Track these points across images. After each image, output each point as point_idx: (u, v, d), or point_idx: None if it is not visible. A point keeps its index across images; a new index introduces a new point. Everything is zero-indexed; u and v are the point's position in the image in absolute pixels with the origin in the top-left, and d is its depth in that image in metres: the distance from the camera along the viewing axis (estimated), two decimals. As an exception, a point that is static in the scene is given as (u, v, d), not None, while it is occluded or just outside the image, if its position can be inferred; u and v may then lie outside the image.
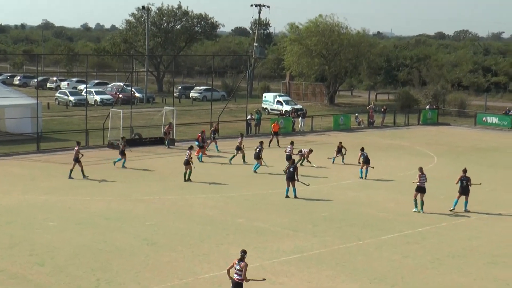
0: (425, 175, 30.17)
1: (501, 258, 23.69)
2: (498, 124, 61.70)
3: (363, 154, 37.33)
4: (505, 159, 44.96)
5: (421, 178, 30.04)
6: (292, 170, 31.85)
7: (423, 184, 29.99)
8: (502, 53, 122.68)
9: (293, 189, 31.75)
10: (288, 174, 32.00)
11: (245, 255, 18.41)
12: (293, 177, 31.69)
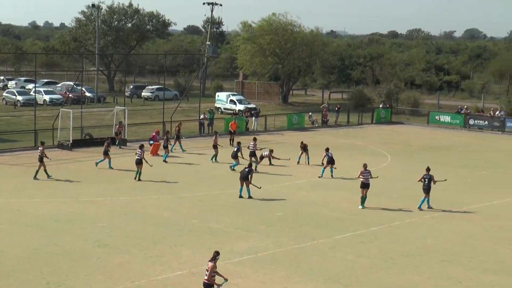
0: (369, 171, 30.65)
1: (454, 256, 23.77)
2: (450, 122, 62.28)
3: (327, 154, 37.32)
4: (457, 157, 45.34)
5: (365, 174, 30.46)
6: (247, 171, 31.62)
7: (367, 180, 30.42)
8: (454, 52, 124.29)
9: (247, 190, 31.51)
10: (242, 174, 31.74)
11: (217, 256, 18.36)
12: (247, 177, 31.45)
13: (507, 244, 25.41)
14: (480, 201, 32.10)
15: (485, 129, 59.87)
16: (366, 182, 30.44)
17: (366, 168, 30.75)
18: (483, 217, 29.37)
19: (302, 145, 41.10)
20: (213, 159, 41.13)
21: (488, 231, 27.14)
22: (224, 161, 40.17)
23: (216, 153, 41.17)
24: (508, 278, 21.71)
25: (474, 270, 22.37)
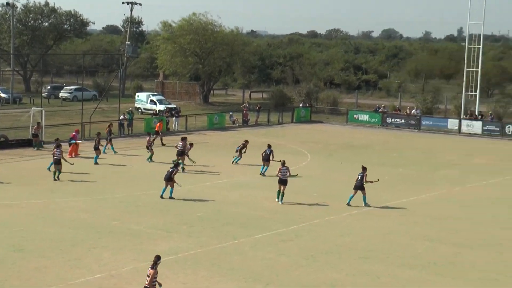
0: (286, 168, 31.23)
1: (372, 252, 24.19)
2: (369, 121, 63.38)
3: (265, 151, 37.68)
4: (376, 155, 46.15)
5: (283, 171, 31.07)
6: (170, 171, 31.49)
7: (285, 176, 31.04)
8: (372, 51, 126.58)
9: (170, 190, 31.37)
10: (166, 175, 31.58)
11: (158, 261, 18.18)
12: (170, 177, 31.34)
13: (422, 239, 26.02)
14: (398, 198, 32.77)
15: (402, 127, 61.17)
16: (283, 178, 31.10)
17: (284, 165, 31.39)
18: (400, 214, 30.00)
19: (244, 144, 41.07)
20: (149, 159, 40.78)
21: (405, 227, 27.73)
22: (159, 160, 40.01)
23: (151, 153, 40.87)
24: (423, 272, 22.24)
25: (392, 266, 22.83)
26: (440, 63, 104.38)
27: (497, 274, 22.26)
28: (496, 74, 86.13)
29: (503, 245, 25.42)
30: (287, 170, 31.27)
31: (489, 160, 45.34)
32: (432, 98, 68.88)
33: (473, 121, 58.74)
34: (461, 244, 25.50)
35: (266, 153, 37.86)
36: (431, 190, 35.00)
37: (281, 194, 31.17)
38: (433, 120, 61.65)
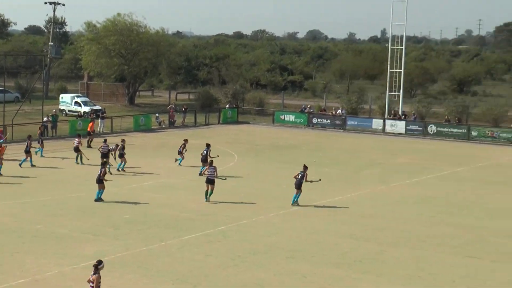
0: (214, 167, 31.66)
1: (298, 252, 24.41)
2: (295, 121, 63.90)
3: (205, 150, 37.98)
4: (302, 155, 46.52)
5: (210, 170, 31.55)
6: (99, 172, 31.17)
7: (212, 176, 31.50)
8: (297, 52, 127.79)
9: (99, 192, 31.06)
10: (97, 177, 31.26)
11: (99, 265, 17.86)
12: (100, 179, 31.05)
13: (348, 238, 26.39)
14: (324, 198, 33.13)
15: (327, 128, 61.89)
16: (210, 178, 31.52)
17: (211, 165, 31.81)
18: (326, 213, 30.35)
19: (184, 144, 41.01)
20: (79, 161, 40.13)
21: (331, 226, 28.08)
22: (90, 162, 39.40)
23: (81, 155, 40.35)
24: (349, 271, 22.56)
25: (318, 265, 23.08)
26: (364, 64, 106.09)
27: (420, 271, 22.75)
28: (418, 75, 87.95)
29: (426, 243, 25.98)
30: (214, 170, 31.58)
31: (412, 159, 46.29)
32: (356, 99, 69.91)
33: (397, 121, 59.87)
34: (386, 242, 25.98)
35: (203, 154, 37.93)
36: (356, 189, 35.52)
37: (209, 193, 31.56)
38: (358, 120, 62.57)
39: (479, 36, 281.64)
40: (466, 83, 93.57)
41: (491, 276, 22.42)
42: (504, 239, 26.65)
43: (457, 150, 50.78)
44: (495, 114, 63.06)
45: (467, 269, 23.00)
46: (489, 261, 23.91)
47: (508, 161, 46.11)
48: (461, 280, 21.99)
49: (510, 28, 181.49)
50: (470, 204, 32.85)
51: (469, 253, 24.80)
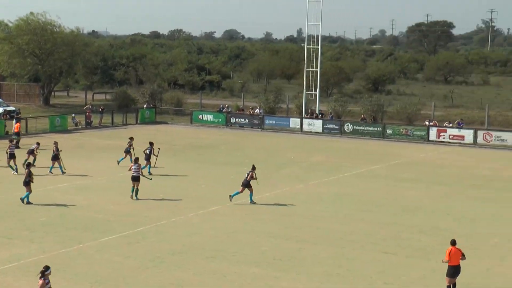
0: (139, 165, 32.14)
1: (218, 252, 24.45)
2: (213, 121, 63.91)
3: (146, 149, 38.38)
4: (220, 155, 46.64)
5: (134, 168, 31.97)
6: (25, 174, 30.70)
7: (137, 172, 31.87)
8: (215, 52, 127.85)
9: (25, 194, 30.50)
10: (24, 180, 30.74)
11: (46, 271, 17.59)
12: (27, 182, 30.51)
13: (267, 236, 26.59)
14: (242, 197, 33.18)
15: (245, 127, 62.15)
16: (135, 175, 31.91)
17: (136, 162, 32.20)
18: (246, 212, 30.49)
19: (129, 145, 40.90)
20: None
21: (250, 225, 28.22)
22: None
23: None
24: (269, 269, 22.73)
25: (238, 264, 23.18)
26: (281, 64, 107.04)
27: (339, 268, 23.11)
28: (334, 74, 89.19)
29: (343, 240, 26.40)
30: (139, 167, 32.01)
31: (329, 157, 46.93)
32: (274, 98, 70.37)
33: (314, 120, 60.58)
34: (304, 240, 26.28)
35: (146, 153, 38.29)
36: (275, 188, 35.79)
37: (136, 190, 31.95)
38: (276, 120, 63.02)
39: (392, 36, 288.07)
40: (380, 82, 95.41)
41: (406, 271, 22.96)
42: (418, 235, 27.33)
43: (373, 148, 51.76)
44: (409, 112, 64.52)
45: (383, 265, 23.49)
46: (404, 257, 24.48)
47: (422, 159, 47.27)
48: (378, 275, 22.44)
49: (421, 28, 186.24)
50: (386, 201, 33.53)
51: (385, 249, 25.33)
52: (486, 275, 22.59)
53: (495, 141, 53.18)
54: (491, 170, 42.96)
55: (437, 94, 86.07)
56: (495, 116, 65.47)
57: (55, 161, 38.18)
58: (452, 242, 20.87)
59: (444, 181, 38.89)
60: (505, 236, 27.43)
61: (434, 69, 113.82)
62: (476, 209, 32.11)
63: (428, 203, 33.23)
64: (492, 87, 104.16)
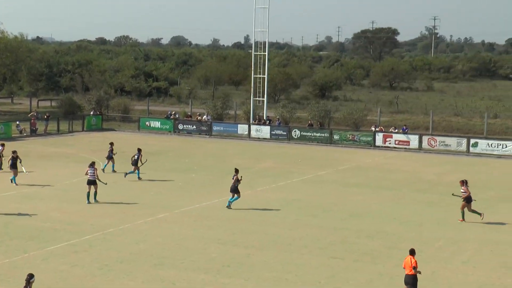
0: (94, 169, 32.60)
1: (166, 259, 24.34)
2: (160, 128, 63.64)
3: (134, 156, 39.12)
4: (168, 162, 46.45)
5: (90, 171, 32.53)
6: None
7: (93, 176, 32.39)
8: (162, 58, 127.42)
9: None
10: None
11: (31, 279, 17.49)
12: None
13: (216, 243, 26.56)
14: (191, 203, 33.20)
15: (193, 134, 62.03)
16: (91, 179, 32.37)
17: (91, 166, 32.63)
18: (194, 219, 30.41)
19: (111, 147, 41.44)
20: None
21: (199, 232, 28.15)
22: None
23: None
24: (217, 276, 22.71)
25: (187, 271, 23.10)
26: (229, 70, 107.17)
27: (287, 273, 23.20)
28: (281, 80, 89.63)
29: (292, 245, 26.51)
30: (95, 171, 32.47)
31: (276, 163, 47.11)
32: (222, 104, 70.42)
33: (262, 126, 60.76)
34: (253, 246, 26.32)
35: (134, 158, 39.04)
36: (223, 195, 35.72)
37: (94, 194, 32.45)
38: (224, 126, 63.05)
39: (339, 42, 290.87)
40: (327, 88, 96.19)
41: (354, 275, 23.17)
42: (365, 240, 27.60)
43: (320, 154, 52.14)
44: (355, 118, 65.20)
45: (332, 270, 23.66)
46: (351, 261, 24.70)
47: (368, 164, 47.79)
48: (327, 280, 22.60)
49: (367, 35, 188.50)
50: (333, 206, 33.80)
51: (333, 254, 25.53)
52: (431, 277, 22.93)
53: (439, 146, 54.09)
54: (435, 175, 43.65)
55: (383, 100, 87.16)
56: (439, 122, 66.58)
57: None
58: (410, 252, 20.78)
59: (391, 186, 39.39)
60: (449, 239, 27.90)
61: (380, 75, 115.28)
62: (421, 213, 32.59)
63: (375, 207, 33.61)
64: (436, 93, 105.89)
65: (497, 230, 29.51)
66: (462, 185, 31.19)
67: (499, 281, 22.79)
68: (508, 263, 24.70)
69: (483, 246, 26.88)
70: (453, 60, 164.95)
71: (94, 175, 32.39)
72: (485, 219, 31.02)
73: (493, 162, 49.53)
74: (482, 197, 36.55)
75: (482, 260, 25.06)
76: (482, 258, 25.32)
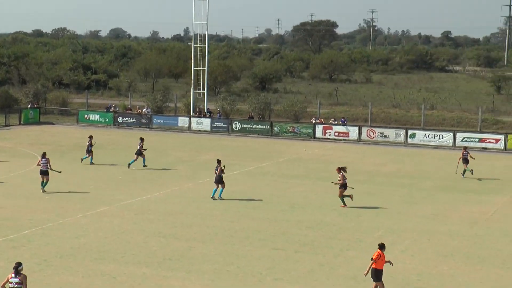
0: (47, 159, 33.70)
1: (107, 253, 24.17)
2: (100, 121, 62.98)
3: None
4: (108, 155, 45.98)
5: (43, 162, 33.68)
6: None
7: (45, 167, 33.57)
8: (101, 51, 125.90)
9: None
10: None
11: (19, 267, 17.59)
12: None
13: (157, 236, 26.47)
14: (131, 197, 33.00)
15: (133, 126, 61.57)
16: (43, 169, 33.56)
17: (44, 157, 33.88)
18: (134, 212, 30.22)
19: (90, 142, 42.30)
20: None
21: (139, 225, 28.01)
22: None
23: None
24: (159, 269, 22.63)
25: (127, 265, 22.97)
26: (169, 62, 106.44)
27: (228, 265, 23.27)
28: (222, 73, 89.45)
29: (233, 237, 26.59)
30: (47, 161, 33.43)
31: (217, 156, 46.99)
32: (162, 97, 70.02)
33: (202, 118, 60.65)
34: (194, 238, 26.31)
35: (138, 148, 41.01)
36: (164, 188, 35.66)
37: (45, 183, 33.28)
38: (164, 119, 62.72)
39: (278, 35, 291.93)
40: (267, 80, 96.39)
41: (295, 266, 23.36)
42: (306, 230, 27.85)
43: (261, 146, 52.33)
44: (296, 110, 65.59)
45: (273, 261, 23.81)
46: (292, 252, 24.90)
47: (309, 155, 48.16)
48: (268, 271, 22.74)
49: (306, 28, 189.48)
50: (274, 197, 33.98)
51: (274, 245, 25.69)
52: (371, 267, 23.24)
53: (378, 137, 54.82)
54: (374, 166, 44.25)
55: (323, 92, 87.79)
56: (378, 113, 67.44)
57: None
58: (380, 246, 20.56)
59: (330, 177, 39.66)
60: (388, 229, 28.34)
61: (319, 67, 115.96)
62: (361, 203, 33.00)
63: (315, 198, 33.93)
64: (374, 85, 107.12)
65: (434, 220, 30.10)
66: (338, 172, 32.11)
67: (436, 269, 23.27)
68: (444, 252, 25.24)
69: (421, 236, 27.39)
70: (390, 52, 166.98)
71: (47, 165, 33.45)
72: (423, 209, 31.72)
73: (430, 153, 50.44)
74: (420, 187, 37.28)
75: (419, 249, 25.55)
76: (420, 247, 25.81)
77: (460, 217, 30.52)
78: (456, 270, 23.22)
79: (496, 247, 25.93)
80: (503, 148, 51.07)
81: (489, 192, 36.22)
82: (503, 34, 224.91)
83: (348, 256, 24.34)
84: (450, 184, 38.26)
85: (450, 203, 33.36)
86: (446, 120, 65.46)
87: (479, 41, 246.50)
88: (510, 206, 33.02)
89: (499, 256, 24.70)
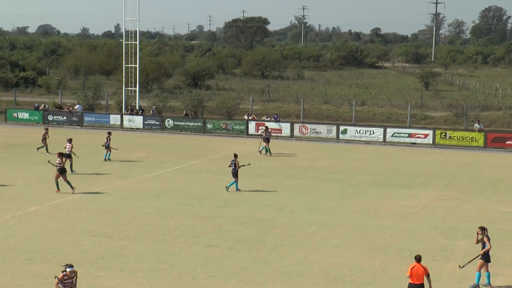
0: None
1: (37, 253, 23.75)
2: (29, 119, 61.88)
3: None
4: (38, 154, 45.17)
5: None
6: None
7: None
8: (29, 48, 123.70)
9: None
10: None
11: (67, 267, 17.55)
12: None
13: (89, 235, 26.14)
14: (63, 196, 32.49)
15: (64, 124, 60.65)
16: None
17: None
18: (66, 211, 29.77)
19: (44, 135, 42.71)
20: None
21: (70, 224, 27.60)
22: None
23: None
24: (91, 268, 22.36)
25: (58, 265, 22.43)
26: (99, 59, 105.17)
27: (162, 263, 23.13)
28: (153, 70, 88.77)
29: (167, 235, 26.44)
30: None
31: (150, 153, 46.79)
32: (93, 94, 69.18)
33: (134, 116, 60.13)
34: (127, 236, 26.07)
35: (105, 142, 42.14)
36: (96, 186, 35.24)
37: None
38: (95, 116, 61.96)
39: (210, 31, 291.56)
40: (200, 77, 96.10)
41: (229, 262, 23.36)
42: (240, 227, 27.89)
43: (194, 143, 52.18)
44: (228, 107, 65.59)
45: (207, 258, 23.77)
46: (227, 249, 24.90)
47: (242, 152, 48.17)
48: (202, 268, 22.69)
49: (238, 24, 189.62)
50: (208, 194, 33.93)
51: (209, 242, 25.65)
52: (304, 262, 23.44)
53: (310, 134, 55.29)
54: (307, 161, 44.61)
55: (255, 88, 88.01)
56: (310, 109, 67.96)
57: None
58: (417, 259, 19.19)
59: (263, 173, 39.93)
60: (321, 224, 28.59)
61: (251, 64, 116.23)
62: (294, 199, 33.22)
63: (249, 195, 34.00)
64: (306, 81, 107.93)
65: (366, 215, 30.50)
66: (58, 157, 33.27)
67: (368, 263, 23.58)
68: (376, 246, 25.60)
69: (353, 230, 27.72)
70: (322, 49, 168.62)
71: None
72: (355, 204, 32.15)
73: (361, 148, 51.11)
74: (352, 182, 37.74)
75: (352, 244, 25.86)
76: (352, 242, 26.12)
77: (391, 211, 31.01)
78: (388, 263, 23.59)
79: (425, 240, 26.44)
80: (432, 143, 52.10)
81: (418, 187, 36.89)
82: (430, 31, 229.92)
83: (282, 252, 24.47)
84: (381, 179, 38.84)
85: (381, 198, 33.87)
86: (377, 115, 66.40)
87: (408, 38, 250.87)
88: (438, 200, 33.71)
89: (428, 249, 25.19)
